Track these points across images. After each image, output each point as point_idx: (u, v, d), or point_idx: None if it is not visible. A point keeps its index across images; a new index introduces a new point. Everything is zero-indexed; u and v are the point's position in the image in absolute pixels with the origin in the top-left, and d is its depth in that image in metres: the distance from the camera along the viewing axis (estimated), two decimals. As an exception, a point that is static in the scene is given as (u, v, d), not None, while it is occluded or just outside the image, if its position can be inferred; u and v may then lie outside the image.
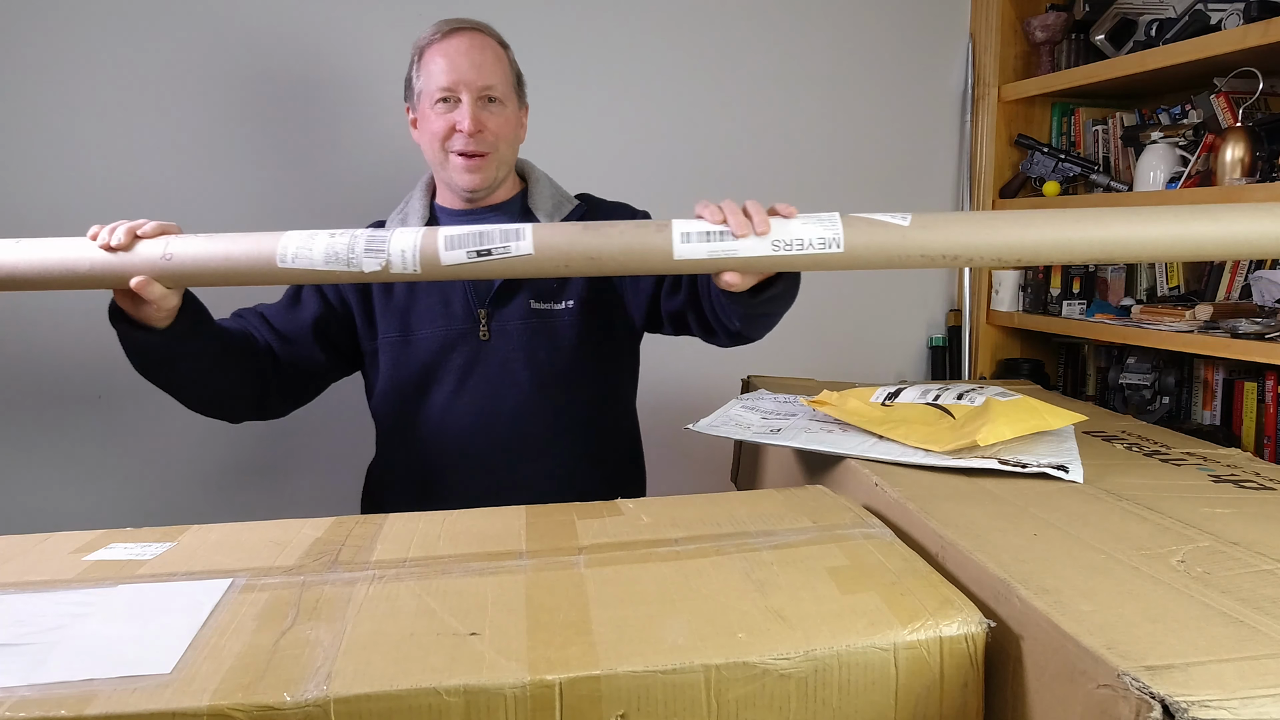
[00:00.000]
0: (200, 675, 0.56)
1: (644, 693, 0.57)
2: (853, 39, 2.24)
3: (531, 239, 0.94)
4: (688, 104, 2.14)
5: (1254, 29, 1.63)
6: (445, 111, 1.26)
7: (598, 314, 1.33)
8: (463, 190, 1.30)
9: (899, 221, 0.95)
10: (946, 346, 2.39)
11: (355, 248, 0.94)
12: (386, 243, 0.94)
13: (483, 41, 1.28)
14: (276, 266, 0.95)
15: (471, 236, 0.94)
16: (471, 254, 0.94)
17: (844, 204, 2.30)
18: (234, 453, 1.96)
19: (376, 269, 0.94)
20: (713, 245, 0.94)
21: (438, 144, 1.27)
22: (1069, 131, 2.30)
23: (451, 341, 1.30)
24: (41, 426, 1.87)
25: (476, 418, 1.30)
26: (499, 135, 1.28)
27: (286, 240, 0.95)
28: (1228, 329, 1.75)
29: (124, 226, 0.96)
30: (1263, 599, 0.60)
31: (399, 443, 1.35)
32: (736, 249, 0.94)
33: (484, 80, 1.26)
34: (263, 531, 0.82)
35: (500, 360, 1.30)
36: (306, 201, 1.95)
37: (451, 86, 1.25)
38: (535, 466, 1.31)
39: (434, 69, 1.26)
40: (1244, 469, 0.94)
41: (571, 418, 1.32)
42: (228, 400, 1.25)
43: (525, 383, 1.30)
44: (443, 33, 1.27)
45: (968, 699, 0.63)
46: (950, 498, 0.83)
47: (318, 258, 0.94)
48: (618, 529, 0.81)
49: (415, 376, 1.31)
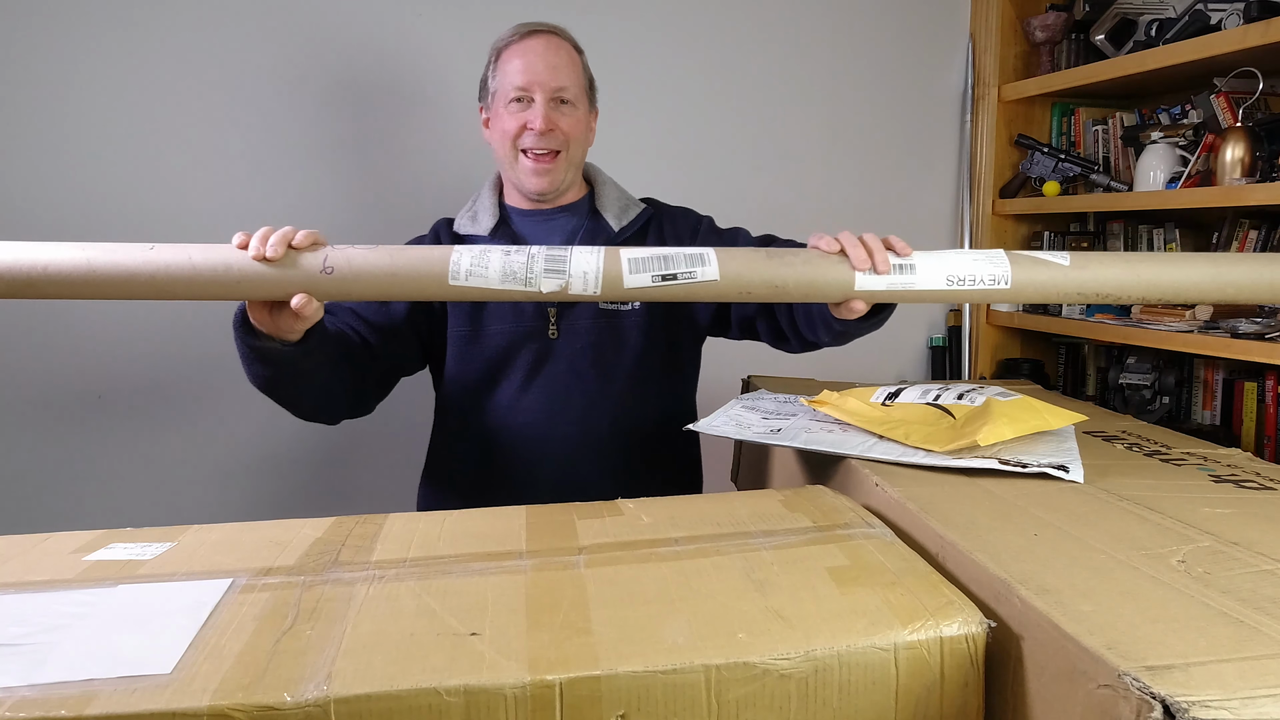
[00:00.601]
0: (200, 675, 0.56)
1: (644, 693, 0.57)
2: (853, 39, 2.24)
3: (717, 265, 0.93)
4: (687, 104, 2.14)
5: (1254, 29, 1.63)
6: (519, 111, 1.27)
7: (664, 316, 1.34)
8: (531, 192, 1.31)
9: (1060, 261, 0.98)
10: (946, 346, 2.39)
11: (534, 267, 0.92)
12: (567, 263, 0.92)
13: (558, 44, 1.29)
14: (448, 284, 0.92)
15: (656, 260, 0.93)
16: (656, 278, 0.93)
17: (844, 204, 2.32)
18: (234, 453, 1.96)
19: (555, 289, 0.92)
20: (891, 279, 0.96)
21: (509, 142, 1.29)
22: (1069, 131, 2.30)
23: (520, 339, 1.30)
24: (41, 426, 1.87)
25: (542, 415, 1.30)
26: (569, 136, 1.29)
27: (459, 257, 0.92)
28: (1228, 329, 1.75)
29: (277, 235, 0.91)
30: (1263, 599, 0.60)
31: (461, 436, 1.35)
32: (914, 282, 0.96)
33: (558, 81, 1.27)
34: (263, 531, 0.82)
35: (568, 359, 1.30)
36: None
37: (526, 86, 1.26)
38: (597, 466, 1.31)
39: (510, 69, 1.28)
40: (1244, 469, 0.94)
41: (636, 418, 1.33)
42: (337, 404, 1.24)
43: (592, 382, 1.31)
44: (520, 34, 1.29)
45: (968, 699, 0.63)
46: (950, 498, 0.83)
47: (493, 276, 0.92)
48: (618, 529, 0.81)
49: (482, 371, 1.31)
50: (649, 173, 2.09)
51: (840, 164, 2.26)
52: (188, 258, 0.89)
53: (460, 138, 1.99)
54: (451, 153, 2.00)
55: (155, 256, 0.89)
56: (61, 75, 1.80)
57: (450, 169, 1.99)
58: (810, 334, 1.20)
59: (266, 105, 1.90)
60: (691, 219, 1.40)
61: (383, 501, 2.02)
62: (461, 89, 1.98)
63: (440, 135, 2.00)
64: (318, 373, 1.13)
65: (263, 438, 1.96)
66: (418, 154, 1.99)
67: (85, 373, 1.86)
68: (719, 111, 2.17)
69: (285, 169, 1.93)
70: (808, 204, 2.24)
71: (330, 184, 1.95)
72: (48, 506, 1.88)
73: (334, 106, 1.94)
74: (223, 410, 1.92)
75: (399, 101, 1.98)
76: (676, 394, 1.40)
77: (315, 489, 2.01)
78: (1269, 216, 1.92)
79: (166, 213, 1.86)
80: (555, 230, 1.35)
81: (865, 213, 2.28)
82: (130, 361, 1.88)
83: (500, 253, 0.93)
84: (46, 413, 1.86)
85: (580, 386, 1.30)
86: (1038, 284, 0.98)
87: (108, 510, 1.90)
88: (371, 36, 1.94)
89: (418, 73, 1.98)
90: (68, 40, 1.79)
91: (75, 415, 1.88)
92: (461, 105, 1.99)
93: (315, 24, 1.91)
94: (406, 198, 1.98)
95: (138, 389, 1.90)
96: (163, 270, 0.89)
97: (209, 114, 1.88)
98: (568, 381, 1.30)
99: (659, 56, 2.11)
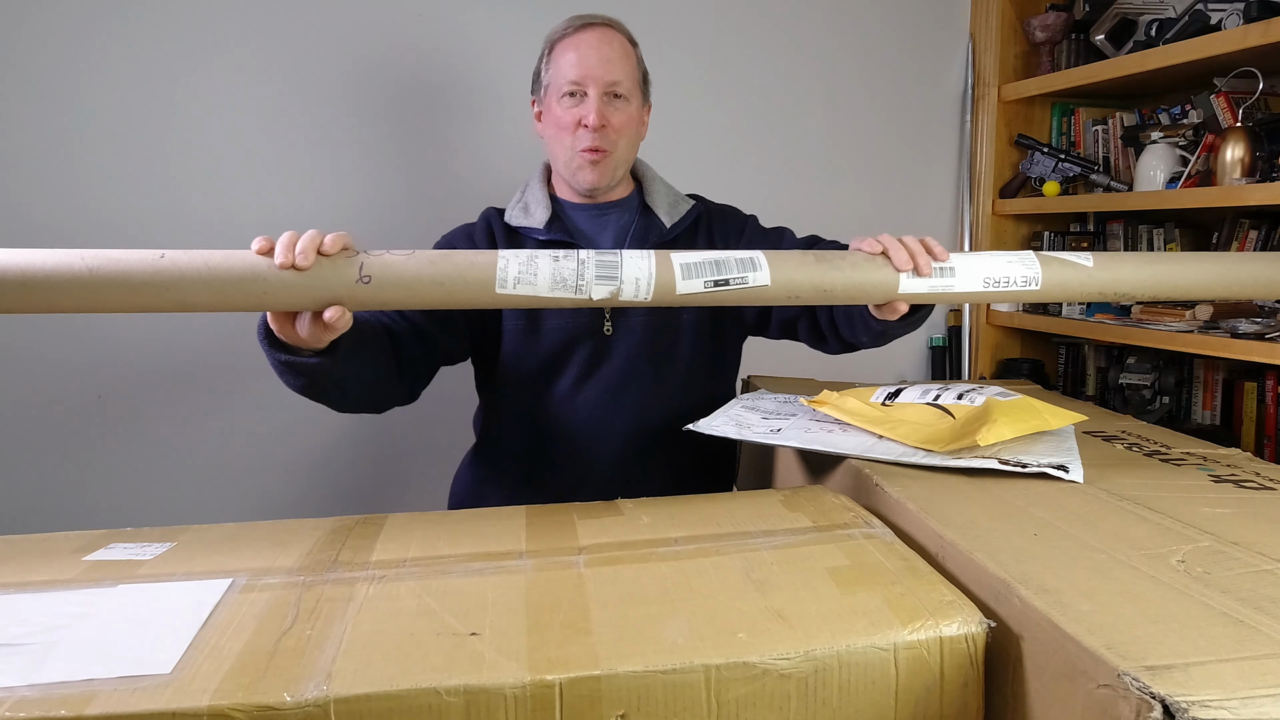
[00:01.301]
0: (200, 675, 0.56)
1: (644, 693, 0.57)
2: (853, 39, 2.24)
3: (768, 270, 0.93)
4: (686, 104, 2.14)
5: (1254, 29, 1.63)
6: (572, 105, 1.26)
7: (714, 314, 1.34)
8: (582, 187, 1.31)
9: (1084, 262, 1.01)
10: (946, 346, 2.39)
11: (585, 274, 0.89)
12: (618, 269, 0.90)
13: (611, 37, 1.29)
14: (495, 293, 0.87)
15: (709, 265, 0.92)
16: (709, 283, 0.92)
17: (844, 204, 2.31)
18: (233, 452, 1.96)
19: (606, 295, 0.89)
20: (933, 282, 0.97)
21: (565, 137, 1.28)
22: (1069, 131, 2.30)
23: (577, 335, 1.29)
24: (41, 426, 1.87)
25: (597, 410, 1.30)
26: (621, 132, 1.28)
27: (505, 263, 0.88)
28: (1228, 329, 1.75)
29: (305, 240, 0.83)
30: (1263, 599, 0.60)
31: (514, 430, 1.34)
32: (954, 285, 0.97)
33: (611, 75, 1.26)
34: (263, 531, 0.82)
35: (624, 356, 1.30)
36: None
37: (580, 80, 1.25)
38: (647, 464, 1.31)
39: (563, 63, 1.27)
40: (1244, 469, 0.94)
41: (687, 415, 1.31)
42: (381, 399, 1.21)
43: (647, 379, 1.31)
44: (574, 28, 1.28)
45: (968, 699, 0.63)
46: (950, 498, 0.83)
47: (543, 283, 0.88)
48: (618, 529, 0.81)
49: (539, 366, 1.31)
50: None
51: (840, 164, 2.26)
52: (205, 264, 0.82)
53: (468, 136, 1.99)
54: (460, 151, 2.00)
55: (167, 264, 0.81)
56: (70, 76, 1.80)
57: (459, 167, 1.99)
58: (850, 335, 1.20)
59: (277, 103, 1.90)
60: (738, 218, 1.40)
61: (386, 501, 2.03)
62: (467, 87, 1.98)
63: (465, 131, 1.99)
64: (359, 375, 1.09)
65: (263, 438, 1.96)
66: (421, 153, 1.99)
67: (85, 373, 1.86)
68: (718, 111, 2.17)
69: (297, 168, 1.92)
70: (807, 204, 2.24)
71: (335, 186, 1.95)
72: (48, 506, 1.88)
73: (351, 104, 1.93)
74: (223, 410, 1.92)
75: (424, 99, 1.97)
76: (721, 391, 1.40)
77: (315, 489, 2.01)
78: (1269, 216, 1.92)
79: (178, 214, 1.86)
80: (608, 225, 1.35)
81: (865, 213, 2.28)
82: (130, 361, 1.88)
83: (549, 258, 0.89)
84: (47, 413, 1.86)
85: (635, 382, 1.31)
86: (1065, 284, 1.00)
87: (108, 510, 1.90)
88: (385, 31, 1.94)
89: (420, 72, 1.98)
90: (73, 40, 1.79)
91: (75, 415, 1.88)
92: (468, 103, 1.99)
93: (328, 19, 1.91)
94: (412, 198, 1.98)
95: (138, 389, 1.90)
96: (177, 279, 0.81)
97: (219, 112, 1.87)
98: (623, 378, 1.30)
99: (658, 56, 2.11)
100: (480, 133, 2.00)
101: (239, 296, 0.83)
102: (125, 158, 1.83)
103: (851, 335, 1.20)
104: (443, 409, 1.72)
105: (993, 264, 0.98)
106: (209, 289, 0.81)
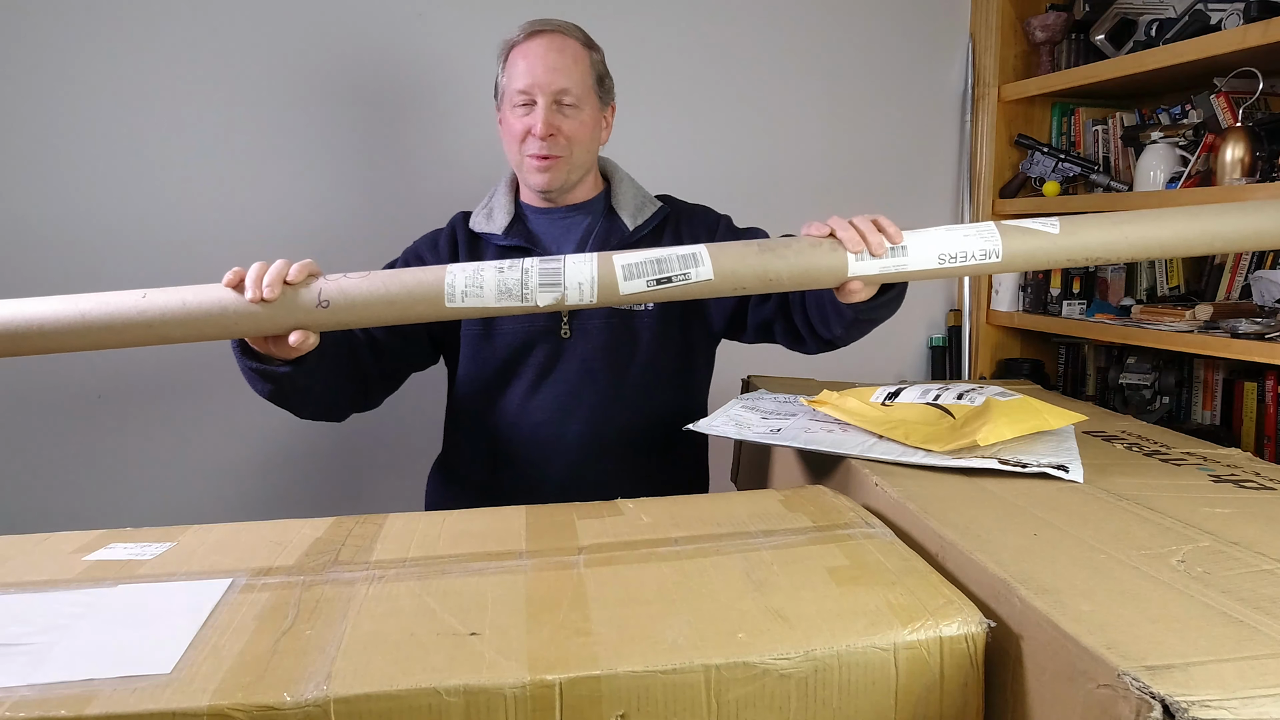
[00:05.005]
0: (200, 675, 0.56)
1: (644, 693, 0.57)
2: (853, 39, 2.24)
3: (710, 264, 0.93)
4: (685, 103, 2.14)
5: (1254, 29, 1.63)
6: (523, 114, 1.27)
7: (678, 318, 1.34)
8: (535, 190, 1.32)
9: (1049, 229, 0.98)
10: (946, 346, 2.39)
11: (529, 282, 0.92)
12: (561, 275, 0.92)
13: (562, 43, 1.28)
14: (444, 306, 0.91)
15: (650, 264, 0.93)
16: (651, 282, 0.93)
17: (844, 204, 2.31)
18: (233, 452, 1.96)
19: (552, 301, 0.92)
20: (884, 262, 0.97)
21: (515, 145, 1.29)
22: (1069, 131, 2.30)
23: (533, 339, 1.30)
24: (41, 426, 1.87)
25: (553, 414, 1.30)
26: (572, 139, 1.28)
27: (453, 278, 0.92)
28: (1228, 329, 1.75)
29: (271, 274, 0.91)
30: (1263, 599, 0.60)
31: (473, 434, 1.35)
32: (906, 263, 0.97)
33: (558, 84, 1.26)
34: (263, 531, 0.82)
35: (580, 359, 1.30)
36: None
37: (527, 90, 1.26)
38: (608, 466, 1.31)
39: (515, 71, 1.28)
40: (1244, 469, 0.94)
41: (647, 419, 1.33)
42: (341, 407, 1.25)
43: (604, 382, 1.30)
44: (525, 34, 1.29)
45: (968, 699, 0.63)
46: (950, 498, 0.83)
47: (489, 294, 0.91)
48: (618, 529, 0.81)
49: (494, 371, 1.31)
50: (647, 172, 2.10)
51: (840, 164, 2.26)
52: (182, 302, 0.90)
53: (467, 136, 1.99)
54: (460, 152, 2.00)
55: (149, 304, 0.89)
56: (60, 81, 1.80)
57: (457, 168, 1.99)
58: (825, 330, 1.19)
59: (268, 109, 1.90)
60: (710, 218, 1.39)
61: (384, 501, 2.03)
62: (466, 87, 1.98)
63: (447, 135, 1.99)
64: (322, 384, 1.13)
65: (263, 438, 1.96)
66: (422, 154, 1.99)
67: (85, 373, 1.86)
68: (717, 110, 2.17)
69: (287, 172, 1.92)
70: (807, 203, 2.23)
71: (335, 186, 1.95)
72: (48, 506, 1.88)
73: (338, 108, 1.94)
74: (223, 410, 1.92)
75: (405, 102, 1.98)
76: (689, 395, 1.40)
77: (315, 489, 2.01)
78: (1269, 216, 1.92)
79: (168, 219, 1.86)
80: (570, 228, 1.35)
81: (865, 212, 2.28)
82: (130, 361, 1.88)
83: (494, 269, 0.92)
84: (47, 413, 1.86)
85: (592, 387, 1.30)
86: (1028, 253, 0.98)
87: (108, 510, 1.90)
88: (373, 37, 1.94)
89: (421, 72, 1.98)
90: (67, 44, 1.79)
91: (75, 415, 1.88)
92: (468, 104, 1.99)
93: (316, 25, 1.91)
94: (412, 198, 1.98)
95: (138, 389, 1.90)
96: (159, 317, 0.89)
97: (210, 118, 1.87)
98: (579, 382, 1.30)
99: (656, 56, 2.11)
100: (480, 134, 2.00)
101: (211, 329, 0.91)
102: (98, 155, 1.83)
103: (826, 329, 1.19)
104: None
105: (948, 239, 0.97)
106: (184, 326, 0.90)
